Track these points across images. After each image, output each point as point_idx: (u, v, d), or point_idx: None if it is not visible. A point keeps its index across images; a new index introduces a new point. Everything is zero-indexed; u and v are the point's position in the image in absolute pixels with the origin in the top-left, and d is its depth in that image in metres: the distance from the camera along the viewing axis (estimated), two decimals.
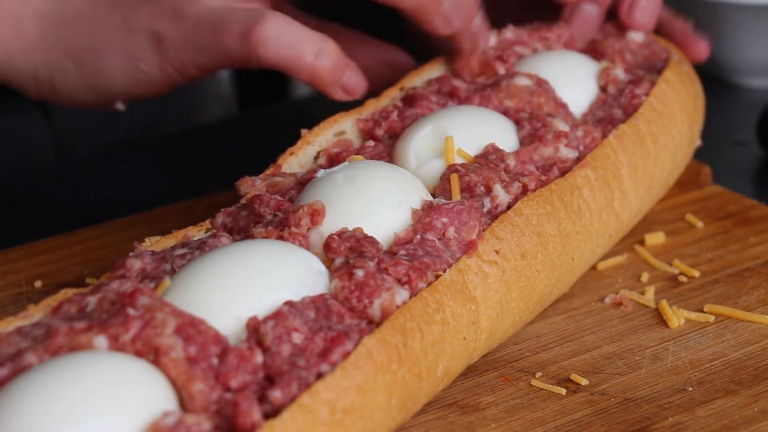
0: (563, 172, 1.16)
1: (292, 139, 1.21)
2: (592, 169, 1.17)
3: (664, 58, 1.35)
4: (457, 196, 1.09)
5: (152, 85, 1.27)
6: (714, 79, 1.66)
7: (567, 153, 1.18)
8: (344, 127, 1.23)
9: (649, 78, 1.30)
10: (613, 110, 1.26)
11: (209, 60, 1.23)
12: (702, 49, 1.42)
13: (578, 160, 1.18)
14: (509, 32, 1.37)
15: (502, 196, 1.10)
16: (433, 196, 1.10)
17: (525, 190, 1.12)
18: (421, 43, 1.42)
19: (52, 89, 1.30)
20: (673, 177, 1.33)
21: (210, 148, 1.62)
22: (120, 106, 1.30)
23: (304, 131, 1.22)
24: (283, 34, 1.19)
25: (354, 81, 1.23)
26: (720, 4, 1.62)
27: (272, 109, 1.76)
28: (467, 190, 1.10)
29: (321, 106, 1.35)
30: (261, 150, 1.26)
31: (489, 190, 1.10)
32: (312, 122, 1.23)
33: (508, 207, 1.10)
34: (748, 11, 1.61)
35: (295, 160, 1.19)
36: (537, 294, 1.11)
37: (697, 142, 1.37)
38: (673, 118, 1.28)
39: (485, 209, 1.09)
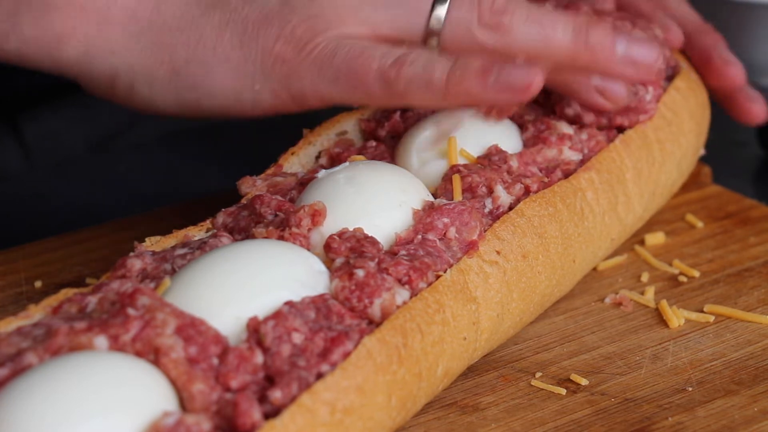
0: (566, 175, 1.16)
1: (294, 138, 1.21)
2: (597, 172, 1.17)
3: (674, 66, 1.34)
4: (458, 196, 1.09)
5: (257, 108, 1.15)
6: None
7: (571, 155, 1.18)
8: (346, 127, 1.23)
9: (660, 85, 1.30)
10: None
11: (339, 94, 1.11)
12: (735, 75, 1.37)
13: (582, 162, 1.18)
14: None
15: (503, 197, 1.10)
16: (435, 196, 1.10)
17: (527, 192, 1.12)
18: None
19: (130, 95, 1.18)
20: (677, 185, 1.33)
21: (211, 147, 1.62)
22: None
23: (305, 131, 1.22)
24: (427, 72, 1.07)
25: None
26: (732, 3, 1.62)
27: None
28: (469, 191, 1.10)
29: None
30: (262, 149, 1.26)
31: (491, 191, 1.10)
32: (314, 122, 1.23)
33: (510, 208, 1.10)
34: (759, 9, 1.61)
35: (296, 160, 1.19)
36: (538, 295, 1.11)
37: (702, 152, 1.37)
38: (681, 127, 1.28)
39: (486, 210, 1.09)
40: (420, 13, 1.11)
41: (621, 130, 1.23)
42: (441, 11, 1.11)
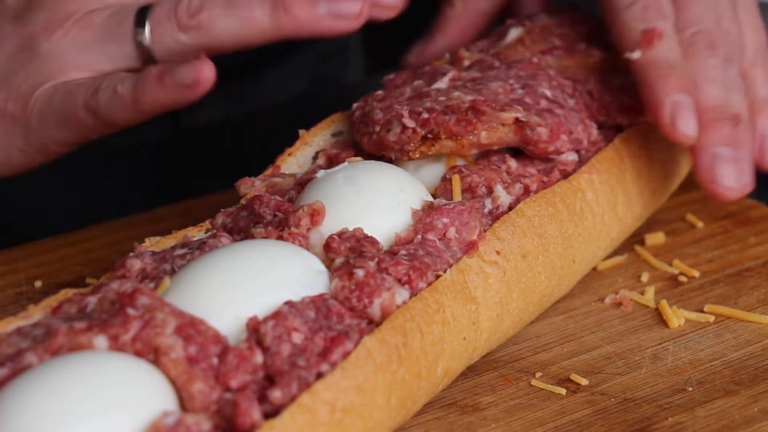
0: (564, 174, 1.16)
1: (290, 139, 1.21)
2: (597, 172, 1.17)
3: None
4: (458, 196, 1.09)
5: (14, 167, 1.24)
6: None
7: (568, 156, 1.18)
8: (341, 127, 1.23)
9: None
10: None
11: (70, 135, 1.19)
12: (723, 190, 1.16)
13: (580, 162, 1.18)
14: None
15: (503, 196, 1.10)
16: (434, 196, 1.10)
17: (527, 191, 1.12)
18: None
19: None
20: (677, 182, 1.33)
21: (210, 148, 1.62)
22: None
23: (302, 132, 1.21)
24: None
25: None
26: None
27: (269, 109, 1.76)
28: (468, 191, 1.10)
29: (318, 105, 1.35)
30: (260, 150, 1.26)
31: (490, 191, 1.10)
32: (309, 122, 1.23)
33: (510, 208, 1.10)
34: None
35: (293, 161, 1.19)
36: (537, 295, 1.11)
37: None
38: None
39: (486, 210, 1.09)
40: (126, 40, 1.17)
41: (620, 129, 1.23)
42: (144, 32, 1.16)
